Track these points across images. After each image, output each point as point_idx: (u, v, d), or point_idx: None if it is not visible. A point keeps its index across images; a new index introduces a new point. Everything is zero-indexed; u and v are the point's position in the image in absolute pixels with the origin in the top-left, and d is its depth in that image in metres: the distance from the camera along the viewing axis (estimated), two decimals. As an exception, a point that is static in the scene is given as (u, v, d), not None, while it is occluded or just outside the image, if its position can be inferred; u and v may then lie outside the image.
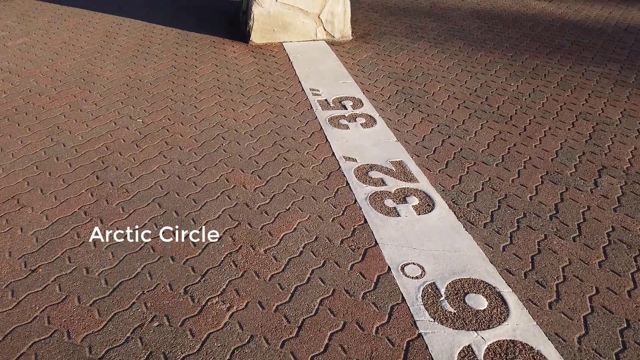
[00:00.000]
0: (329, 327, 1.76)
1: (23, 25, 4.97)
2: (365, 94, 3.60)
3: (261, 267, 2.03)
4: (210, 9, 5.64)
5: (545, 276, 1.97)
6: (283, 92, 3.64)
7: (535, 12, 5.56)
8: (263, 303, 1.86)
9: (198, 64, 4.12)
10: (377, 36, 4.81)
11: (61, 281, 1.96)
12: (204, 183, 2.58)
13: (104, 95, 3.55)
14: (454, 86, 3.72)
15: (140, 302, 1.86)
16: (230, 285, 1.94)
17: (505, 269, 2.01)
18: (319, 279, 1.97)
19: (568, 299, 1.87)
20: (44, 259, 2.07)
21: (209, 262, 2.06)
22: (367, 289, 1.92)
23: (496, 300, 1.85)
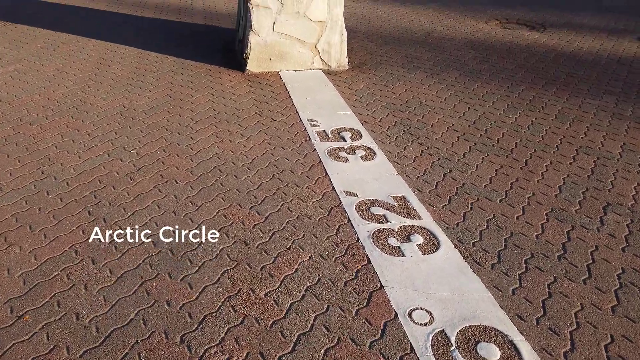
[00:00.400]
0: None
1: (15, 51, 4.90)
2: (363, 125, 3.56)
3: (262, 312, 1.94)
4: (206, 36, 5.64)
5: (558, 323, 1.90)
6: (281, 123, 3.59)
7: (528, 43, 5.63)
8: (265, 354, 1.76)
9: (194, 93, 4.07)
10: (373, 66, 4.82)
11: (49, 329, 1.85)
12: (201, 219, 2.49)
13: (97, 125, 3.47)
14: (453, 118, 3.70)
15: (134, 353, 1.75)
16: (230, 334, 1.84)
17: (516, 314, 1.93)
18: (323, 326, 1.87)
19: (583, 349, 1.79)
20: (32, 303, 1.96)
21: (206, 307, 1.96)
22: (374, 338, 1.82)
23: (509, 350, 1.77)
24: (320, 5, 4.50)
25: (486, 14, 7.06)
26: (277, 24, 4.47)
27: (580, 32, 6.14)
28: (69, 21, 6.10)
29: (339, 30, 4.66)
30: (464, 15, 6.97)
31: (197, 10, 6.92)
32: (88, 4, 7.08)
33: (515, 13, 7.13)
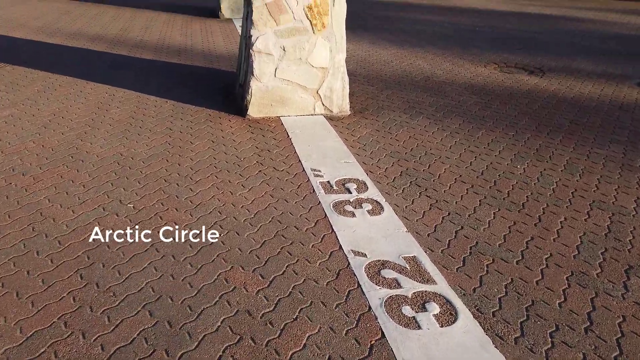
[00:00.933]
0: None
1: (11, 94, 4.81)
2: (369, 175, 3.46)
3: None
4: (206, 78, 5.60)
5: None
6: (283, 173, 3.48)
7: (529, 88, 5.63)
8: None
9: (193, 140, 3.97)
10: (375, 111, 4.76)
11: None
12: (201, 284, 2.33)
13: (93, 175, 3.34)
14: (460, 168, 3.61)
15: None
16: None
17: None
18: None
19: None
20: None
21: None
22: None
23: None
24: (322, 52, 4.47)
25: (484, 58, 7.12)
26: (278, 70, 4.43)
27: (579, 77, 6.17)
28: (68, 62, 6.06)
29: (341, 76, 4.62)
30: (462, 59, 7.01)
31: (197, 52, 6.92)
32: (88, 45, 7.08)
33: (513, 57, 7.19)
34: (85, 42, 7.22)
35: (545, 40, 8.60)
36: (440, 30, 9.38)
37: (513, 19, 10.80)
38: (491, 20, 10.59)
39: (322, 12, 4.36)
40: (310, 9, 4.33)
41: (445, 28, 9.59)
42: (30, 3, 10.98)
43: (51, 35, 7.62)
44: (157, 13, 10.18)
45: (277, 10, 4.27)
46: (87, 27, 8.46)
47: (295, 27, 4.35)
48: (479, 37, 8.77)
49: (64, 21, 8.90)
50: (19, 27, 8.15)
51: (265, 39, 4.32)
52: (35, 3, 10.99)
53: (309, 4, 4.31)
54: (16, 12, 9.76)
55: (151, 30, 8.33)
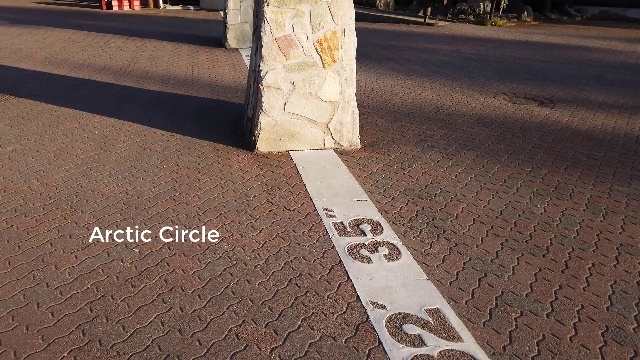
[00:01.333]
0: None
1: (16, 129, 4.74)
2: (383, 215, 3.33)
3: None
4: (214, 111, 5.53)
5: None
6: (294, 213, 3.35)
7: (540, 120, 5.54)
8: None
9: (201, 177, 3.86)
10: (386, 145, 4.66)
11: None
12: (210, 341, 2.18)
13: (98, 216, 3.22)
14: (477, 207, 3.48)
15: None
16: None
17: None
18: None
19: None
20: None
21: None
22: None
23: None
24: (332, 86, 4.40)
25: (493, 88, 7.06)
26: (288, 104, 4.35)
27: (591, 108, 6.09)
28: (74, 95, 6.02)
29: (351, 110, 4.54)
30: (470, 89, 6.96)
31: (203, 83, 6.89)
32: (94, 76, 7.06)
33: (522, 87, 7.14)
34: (92, 73, 7.21)
35: (552, 69, 8.57)
36: (446, 59, 9.38)
37: (518, 48, 10.83)
38: (496, 49, 10.61)
39: (332, 46, 4.31)
40: (321, 44, 4.27)
41: (451, 57, 9.59)
42: (38, 32, 11.08)
43: (58, 66, 7.62)
44: (164, 43, 10.24)
45: (287, 45, 4.22)
46: (94, 57, 8.48)
47: (305, 61, 4.29)
48: (486, 66, 8.76)
49: (71, 52, 8.94)
50: (26, 58, 8.17)
51: (274, 74, 4.25)
52: (42, 33, 11.09)
53: (319, 38, 4.26)
54: (23, 42, 9.83)
55: (158, 61, 8.34)
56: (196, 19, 15.39)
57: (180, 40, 10.64)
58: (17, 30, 11.42)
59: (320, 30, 4.25)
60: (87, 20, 14.06)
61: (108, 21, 13.97)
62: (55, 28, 11.95)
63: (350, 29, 4.40)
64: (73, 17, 14.59)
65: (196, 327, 2.26)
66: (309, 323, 2.31)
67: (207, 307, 2.40)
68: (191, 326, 2.27)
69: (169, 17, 15.82)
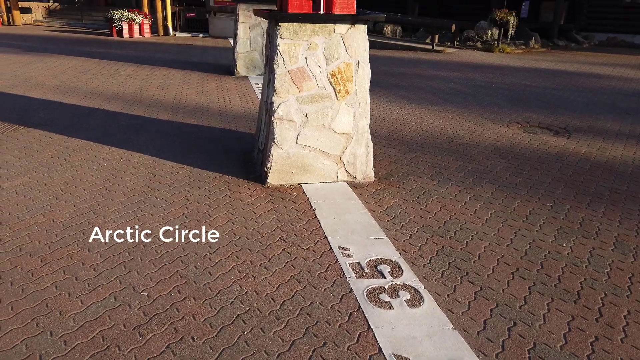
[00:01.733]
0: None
1: (24, 161, 4.67)
2: (402, 255, 3.18)
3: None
4: (224, 141, 5.46)
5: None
6: (309, 252, 3.21)
7: (558, 151, 5.41)
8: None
9: (212, 212, 3.74)
10: (400, 177, 4.54)
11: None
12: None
13: (105, 255, 3.09)
14: (500, 246, 3.32)
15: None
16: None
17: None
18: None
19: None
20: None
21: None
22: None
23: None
24: (345, 118, 4.31)
25: (505, 117, 6.97)
26: (300, 136, 4.26)
27: (608, 138, 5.97)
28: (83, 124, 5.98)
29: (365, 142, 4.44)
30: (483, 118, 6.87)
31: (213, 112, 6.85)
32: (104, 105, 7.04)
33: (535, 116, 7.04)
34: (102, 102, 7.20)
35: (564, 97, 8.49)
36: (456, 87, 9.34)
37: (528, 75, 10.79)
38: (506, 77, 10.57)
39: (346, 78, 4.24)
40: (334, 76, 4.21)
41: (461, 84, 9.55)
42: (49, 60, 11.19)
43: (68, 95, 7.62)
44: (174, 71, 10.29)
45: (300, 77, 4.15)
46: (104, 85, 8.50)
47: (319, 93, 4.22)
48: (497, 94, 8.70)
49: (81, 80, 8.98)
50: (37, 87, 8.20)
51: (287, 106, 4.18)
52: (53, 60, 11.21)
53: (332, 70, 4.19)
54: (34, 70, 9.91)
55: (167, 89, 8.34)
56: (205, 46, 15.56)
57: (189, 68, 10.70)
58: (28, 58, 11.54)
59: (333, 62, 4.19)
60: (98, 47, 14.24)
61: (118, 49, 14.14)
62: (67, 56, 12.08)
63: (364, 61, 4.34)
64: (84, 45, 14.79)
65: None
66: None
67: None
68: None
69: (179, 44, 16.02)
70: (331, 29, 4.11)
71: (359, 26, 4.20)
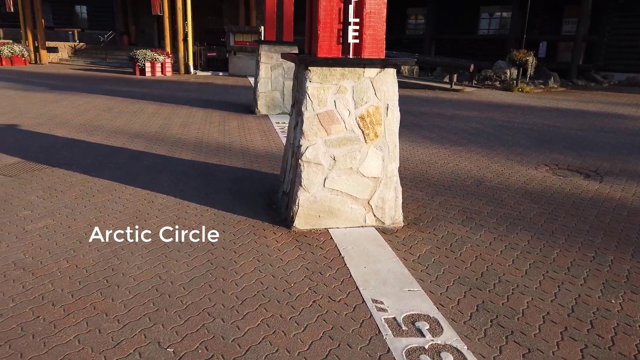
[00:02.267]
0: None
1: (48, 202, 4.63)
2: (440, 311, 2.99)
3: None
4: (247, 182, 5.38)
5: None
6: (341, 305, 3.05)
7: (592, 196, 5.22)
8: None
9: (237, 259, 3.61)
10: (430, 223, 4.39)
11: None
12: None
13: (129, 305, 2.97)
14: (544, 301, 3.12)
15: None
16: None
17: None
18: None
19: None
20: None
21: None
22: None
23: None
24: (374, 161, 4.22)
25: (532, 158, 6.82)
26: (328, 180, 4.16)
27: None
28: (107, 164, 5.98)
29: (394, 186, 4.32)
30: (509, 160, 6.73)
31: (235, 151, 6.83)
32: (127, 144, 7.08)
33: (563, 158, 6.88)
34: (126, 141, 7.24)
35: (589, 138, 8.34)
36: (478, 126, 9.26)
37: (550, 115, 10.69)
38: (528, 116, 10.48)
39: (374, 121, 4.17)
40: (363, 119, 4.14)
41: (483, 124, 9.47)
42: (74, 99, 11.44)
43: (92, 134, 7.70)
44: (195, 109, 10.42)
45: (328, 120, 4.09)
46: (127, 124, 8.60)
47: (347, 136, 4.15)
48: (520, 134, 8.58)
49: (105, 118, 9.11)
50: (62, 125, 8.32)
51: (315, 149, 4.10)
52: (78, 99, 11.45)
53: (361, 114, 4.13)
54: (60, 108, 10.10)
55: (189, 128, 8.40)
56: (225, 85, 15.84)
57: (210, 107, 10.82)
58: (54, 96, 11.82)
59: (362, 105, 4.13)
60: (121, 86, 14.57)
61: (141, 87, 14.45)
62: (91, 94, 12.35)
63: (394, 104, 4.29)
64: (108, 83, 15.16)
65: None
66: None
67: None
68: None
69: (200, 82, 16.34)
70: (360, 72, 4.08)
71: (389, 70, 4.17)
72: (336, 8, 3.91)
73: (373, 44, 4.04)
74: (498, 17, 20.72)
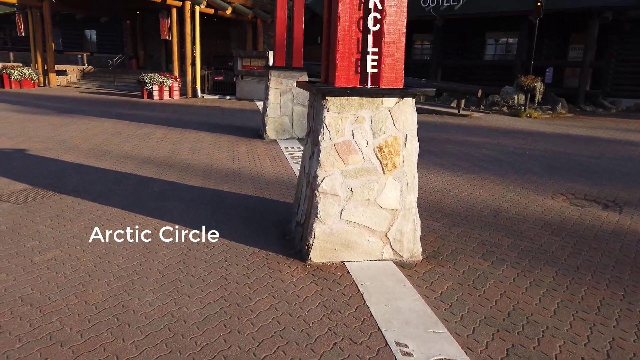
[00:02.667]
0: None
1: (56, 231, 4.51)
2: (468, 355, 2.83)
3: None
4: (258, 211, 5.26)
5: None
6: (363, 348, 2.89)
7: (613, 228, 5.07)
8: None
9: (252, 295, 3.47)
10: (450, 257, 4.24)
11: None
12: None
13: (141, 347, 2.82)
14: (577, 345, 2.95)
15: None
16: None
17: None
18: None
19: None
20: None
21: None
22: None
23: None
24: (392, 193, 4.10)
25: (547, 187, 6.69)
26: (345, 211, 4.04)
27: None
28: (116, 190, 5.88)
29: (412, 218, 4.19)
30: (524, 188, 6.60)
31: (245, 178, 6.74)
32: (136, 169, 7.00)
33: (579, 187, 6.75)
34: (134, 167, 7.16)
35: (603, 165, 8.22)
36: (489, 152, 9.17)
37: (561, 142, 10.59)
38: (538, 143, 10.39)
39: (393, 152, 4.07)
40: (381, 149, 4.04)
41: (494, 151, 9.38)
42: (82, 122, 11.44)
43: (100, 159, 7.63)
44: (203, 134, 10.38)
45: (346, 150, 4.00)
46: (136, 149, 8.54)
47: (365, 167, 4.04)
48: (532, 161, 8.47)
49: (113, 143, 9.06)
50: (70, 150, 8.27)
51: (331, 180, 3.99)
52: (86, 122, 11.44)
53: (379, 144, 4.04)
54: (68, 132, 10.08)
55: (198, 153, 8.33)
56: (233, 109, 15.87)
57: (219, 131, 10.79)
58: (62, 120, 11.83)
59: (381, 135, 4.04)
60: (130, 109, 14.61)
61: (149, 111, 14.48)
62: (99, 118, 12.37)
63: (412, 135, 4.20)
64: (116, 106, 15.22)
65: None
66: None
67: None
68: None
69: (207, 106, 16.39)
70: (379, 102, 4.00)
71: (407, 100, 4.09)
72: (355, 38, 3.86)
73: (391, 74, 3.97)
74: (504, 43, 20.86)
